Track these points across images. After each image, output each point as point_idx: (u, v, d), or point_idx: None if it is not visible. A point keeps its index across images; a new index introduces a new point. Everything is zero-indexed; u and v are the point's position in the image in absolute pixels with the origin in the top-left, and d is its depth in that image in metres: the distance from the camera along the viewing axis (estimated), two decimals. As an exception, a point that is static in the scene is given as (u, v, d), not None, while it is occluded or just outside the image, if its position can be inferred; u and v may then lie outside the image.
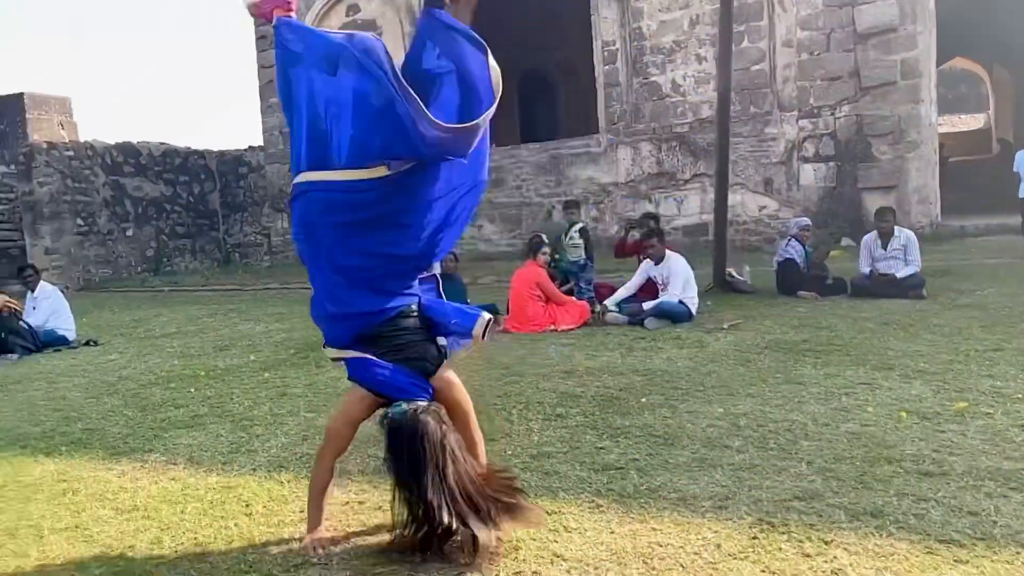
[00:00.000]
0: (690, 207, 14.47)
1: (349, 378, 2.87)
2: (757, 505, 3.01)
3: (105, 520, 3.30)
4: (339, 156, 2.69)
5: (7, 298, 9.28)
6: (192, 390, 5.86)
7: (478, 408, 3.04)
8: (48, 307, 8.70)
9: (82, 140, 17.07)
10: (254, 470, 3.85)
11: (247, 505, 3.37)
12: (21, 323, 8.36)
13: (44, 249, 16.02)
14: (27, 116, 27.37)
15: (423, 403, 2.73)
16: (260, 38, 18.02)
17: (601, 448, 3.82)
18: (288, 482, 3.65)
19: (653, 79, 14.64)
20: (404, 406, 2.70)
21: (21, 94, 27.19)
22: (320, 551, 2.81)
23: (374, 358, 2.77)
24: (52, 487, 3.74)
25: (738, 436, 3.85)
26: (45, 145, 16.35)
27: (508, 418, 4.45)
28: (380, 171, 2.68)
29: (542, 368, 5.80)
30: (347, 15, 17.09)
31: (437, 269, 3.07)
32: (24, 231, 16.23)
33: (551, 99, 23.65)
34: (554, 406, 4.65)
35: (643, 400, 4.65)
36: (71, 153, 16.52)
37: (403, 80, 2.58)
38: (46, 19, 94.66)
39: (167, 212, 18.64)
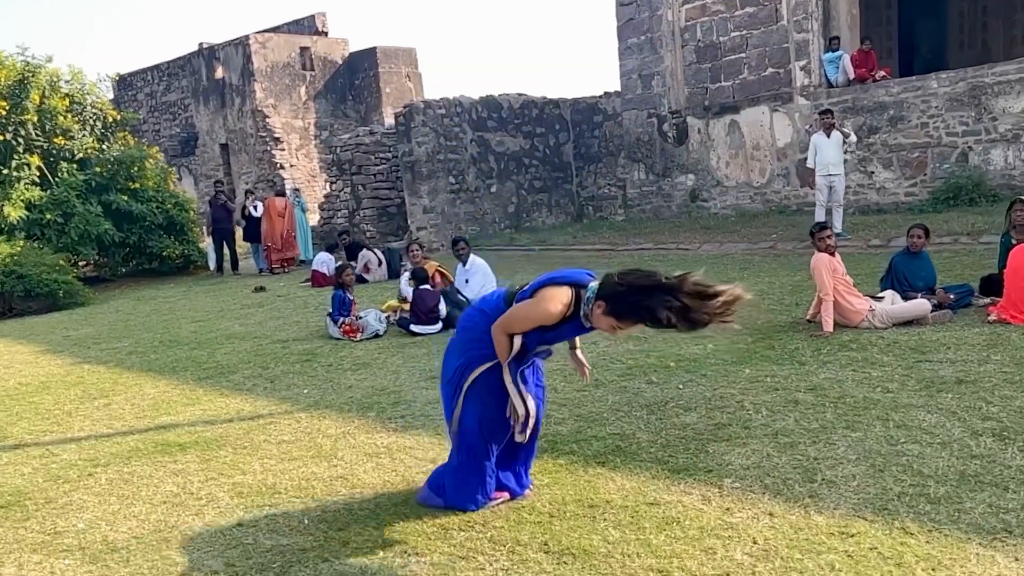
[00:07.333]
0: None
1: None
2: None
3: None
4: None
5: (437, 265, 10.22)
6: (680, 386, 5.99)
7: None
8: (480, 280, 9.42)
9: (451, 96, 18.30)
10: (856, 510, 3.76)
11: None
12: (460, 297, 9.14)
13: (423, 208, 17.61)
14: (379, 70, 30.22)
15: None
16: (620, -24, 18.07)
17: None
18: (913, 532, 3.50)
19: (1122, -16, 12.48)
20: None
21: (374, 48, 30.01)
22: None
23: None
24: (648, 513, 3.93)
25: None
26: (422, 104, 17.82)
27: None
28: None
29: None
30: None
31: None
32: (405, 190, 17.93)
33: (937, 11, 21.28)
34: None
35: None
36: (443, 111, 17.86)
37: None
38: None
39: (525, 166, 19.60)
